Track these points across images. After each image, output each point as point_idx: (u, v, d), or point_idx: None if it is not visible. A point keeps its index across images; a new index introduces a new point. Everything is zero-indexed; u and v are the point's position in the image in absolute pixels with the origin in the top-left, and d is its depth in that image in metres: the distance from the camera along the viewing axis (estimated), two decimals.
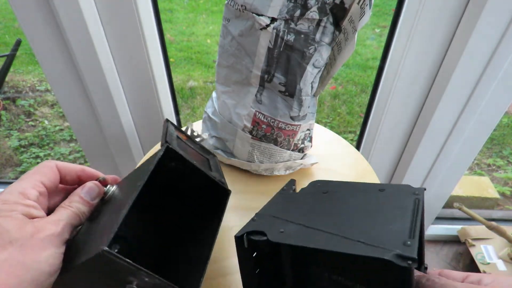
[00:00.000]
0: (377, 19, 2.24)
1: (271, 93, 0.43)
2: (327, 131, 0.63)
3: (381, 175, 0.91)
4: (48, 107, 1.63)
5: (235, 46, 0.42)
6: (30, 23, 0.61)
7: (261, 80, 0.42)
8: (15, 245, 0.21)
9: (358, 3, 0.38)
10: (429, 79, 0.70)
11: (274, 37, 0.39)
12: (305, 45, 0.39)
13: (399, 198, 0.24)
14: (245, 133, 0.46)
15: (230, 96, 0.46)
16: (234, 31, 0.41)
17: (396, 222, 0.22)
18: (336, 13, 0.39)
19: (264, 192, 0.50)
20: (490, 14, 0.57)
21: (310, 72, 0.41)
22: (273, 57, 0.40)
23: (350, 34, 0.40)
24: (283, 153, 0.48)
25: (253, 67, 0.41)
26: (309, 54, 0.40)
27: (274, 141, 0.46)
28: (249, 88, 0.44)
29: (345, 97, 1.77)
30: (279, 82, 0.42)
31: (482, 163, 1.44)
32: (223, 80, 0.46)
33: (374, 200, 0.25)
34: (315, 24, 0.39)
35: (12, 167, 1.36)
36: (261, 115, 0.44)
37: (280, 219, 0.27)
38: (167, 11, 2.29)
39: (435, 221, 1.02)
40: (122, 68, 0.69)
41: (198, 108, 1.69)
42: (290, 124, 0.45)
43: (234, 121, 0.46)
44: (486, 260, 0.92)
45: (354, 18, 0.39)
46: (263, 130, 0.45)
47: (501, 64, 0.63)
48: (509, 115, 1.65)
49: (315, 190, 0.30)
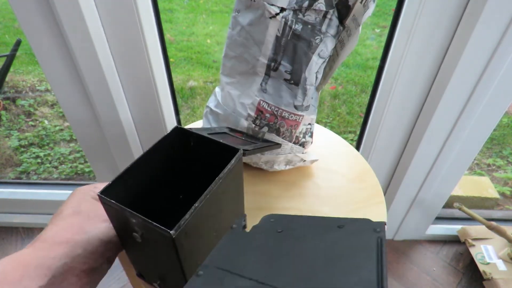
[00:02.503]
0: (377, 19, 2.24)
1: (276, 82, 0.45)
2: (327, 131, 0.63)
3: (381, 175, 0.91)
4: (48, 107, 1.64)
5: (243, 35, 0.43)
6: (30, 23, 0.61)
7: (267, 69, 0.44)
8: (83, 215, 0.31)
9: (361, 2, 0.39)
10: (429, 79, 0.70)
11: (282, 26, 0.41)
12: (311, 35, 0.41)
13: (361, 237, 0.23)
14: (249, 122, 0.46)
15: (235, 87, 0.47)
16: (244, 21, 0.43)
17: (362, 270, 0.20)
18: (340, 10, 0.41)
19: (263, 192, 0.50)
20: (490, 14, 0.57)
21: (315, 62, 0.43)
22: (281, 45, 0.42)
23: (353, 30, 0.42)
24: (284, 144, 0.48)
25: (260, 55, 0.43)
26: (315, 44, 0.42)
27: (276, 131, 0.47)
28: (255, 77, 0.45)
29: (345, 97, 1.77)
30: (285, 70, 0.43)
31: (482, 163, 1.44)
32: (228, 71, 0.48)
33: (334, 240, 0.23)
34: (322, 16, 0.41)
35: (12, 167, 1.36)
36: (265, 104, 0.45)
37: (229, 273, 0.24)
38: (167, 11, 2.29)
39: (435, 221, 1.03)
40: (122, 68, 0.69)
41: (198, 108, 1.69)
42: (294, 114, 0.46)
43: (237, 111, 0.47)
44: (486, 260, 0.92)
45: (357, 16, 0.41)
46: (267, 120, 0.46)
47: (501, 64, 0.63)
48: (509, 115, 1.65)
49: (269, 228, 0.27)
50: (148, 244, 0.29)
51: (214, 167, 0.32)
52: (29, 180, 1.29)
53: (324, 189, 0.51)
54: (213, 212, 0.31)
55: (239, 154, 0.32)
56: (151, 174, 0.35)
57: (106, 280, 0.96)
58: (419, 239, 1.07)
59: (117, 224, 0.31)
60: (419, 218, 0.99)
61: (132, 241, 0.30)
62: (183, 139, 0.36)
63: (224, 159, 0.32)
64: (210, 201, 0.30)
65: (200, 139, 0.35)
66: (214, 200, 0.31)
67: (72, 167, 1.36)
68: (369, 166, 0.55)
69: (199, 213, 0.28)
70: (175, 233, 0.25)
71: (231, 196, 0.35)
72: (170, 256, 0.28)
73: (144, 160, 0.33)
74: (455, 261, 1.02)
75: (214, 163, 0.32)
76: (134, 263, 0.37)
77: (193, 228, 0.28)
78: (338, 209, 0.48)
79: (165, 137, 0.35)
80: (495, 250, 0.94)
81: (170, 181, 0.38)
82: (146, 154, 0.33)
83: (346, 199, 0.49)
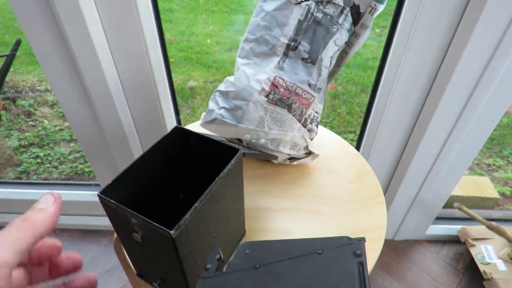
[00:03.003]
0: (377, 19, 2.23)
1: (293, 62, 0.49)
2: (327, 131, 0.63)
3: (381, 175, 0.91)
4: (48, 107, 1.64)
5: (267, 19, 0.49)
6: (30, 23, 0.61)
7: (286, 48, 0.48)
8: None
9: (370, 12, 0.47)
10: (429, 79, 0.70)
11: (305, 12, 0.47)
12: (330, 23, 0.47)
13: (341, 265, 0.22)
14: (261, 96, 0.48)
15: (251, 67, 0.50)
16: (269, 7, 0.48)
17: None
18: (353, 14, 0.47)
19: (263, 192, 0.50)
20: (490, 14, 0.57)
21: (331, 47, 0.48)
22: (302, 28, 0.48)
23: (362, 34, 0.50)
24: (294, 123, 0.49)
25: (281, 35, 0.48)
26: (332, 32, 0.48)
27: (288, 107, 0.48)
28: (272, 57, 0.49)
29: (345, 97, 1.77)
30: (304, 49, 0.48)
31: (482, 163, 1.44)
32: (245, 53, 0.51)
33: (314, 272, 0.22)
34: (339, 11, 0.47)
35: (12, 167, 1.36)
36: (280, 80, 0.48)
37: None
38: (167, 11, 2.29)
39: (435, 221, 1.02)
40: (122, 68, 0.69)
41: (198, 108, 1.69)
42: (307, 92, 0.49)
43: (251, 86, 0.49)
44: (486, 260, 0.92)
45: (365, 24, 0.49)
46: (280, 94, 0.48)
47: (501, 64, 0.63)
48: (509, 115, 1.65)
49: (244, 264, 0.24)
50: (148, 244, 0.29)
51: (214, 167, 0.32)
52: (29, 180, 1.29)
53: (324, 189, 0.51)
54: (213, 212, 0.31)
55: (239, 154, 0.32)
56: (151, 174, 0.35)
57: (106, 280, 0.96)
58: (419, 239, 1.07)
59: (117, 224, 0.31)
60: (419, 218, 0.99)
61: (132, 241, 0.30)
62: (183, 139, 0.36)
63: (224, 159, 0.32)
64: (210, 201, 0.30)
65: (200, 139, 0.36)
66: (214, 200, 0.31)
67: (72, 167, 1.36)
68: (369, 166, 0.55)
69: (199, 213, 0.28)
70: (175, 233, 0.25)
71: (231, 196, 0.35)
72: (170, 256, 0.28)
73: (144, 160, 0.33)
74: (455, 261, 1.02)
75: (214, 163, 0.32)
76: (134, 263, 0.37)
77: (193, 228, 0.28)
78: (338, 209, 0.48)
79: (165, 137, 0.35)
80: (495, 250, 0.94)
81: (170, 181, 0.38)
82: (146, 154, 0.33)
83: (346, 199, 0.49)
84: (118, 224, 0.31)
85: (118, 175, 0.31)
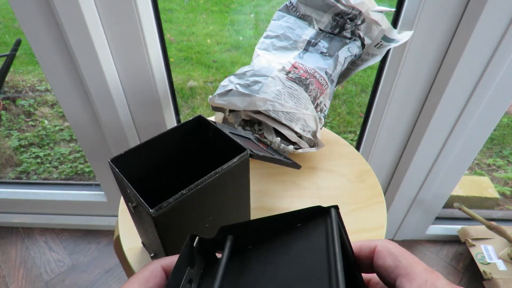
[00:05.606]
0: None
1: (313, 55, 0.54)
2: (327, 131, 0.63)
3: (381, 175, 0.91)
4: (48, 107, 1.64)
5: (291, 22, 0.56)
6: (30, 23, 0.61)
7: (307, 44, 0.54)
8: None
9: (376, 46, 0.56)
10: (429, 79, 0.70)
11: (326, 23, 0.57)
12: (345, 36, 0.56)
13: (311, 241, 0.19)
14: (281, 73, 0.50)
15: (272, 54, 0.54)
16: (295, 13, 0.57)
17: None
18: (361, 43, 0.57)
19: (264, 192, 0.50)
20: (490, 14, 0.57)
21: (345, 50, 0.55)
22: (322, 32, 0.56)
23: (368, 59, 0.58)
24: (308, 104, 0.50)
25: (303, 34, 0.55)
26: (348, 41, 0.55)
27: (305, 86, 0.50)
28: (293, 51, 0.54)
29: (345, 97, 1.77)
30: (323, 46, 0.55)
31: (482, 163, 1.44)
32: (265, 46, 0.56)
33: (290, 259, 0.19)
34: (350, 32, 0.56)
35: (12, 167, 1.36)
36: (301, 64, 0.52)
37: None
38: (167, 11, 2.29)
39: (435, 221, 1.03)
40: (122, 68, 0.69)
41: (198, 108, 1.69)
42: (323, 78, 0.52)
43: (271, 66, 0.51)
44: (486, 260, 0.92)
45: (371, 53, 0.58)
46: (299, 74, 0.51)
47: (501, 64, 0.63)
48: (509, 115, 1.65)
49: None
50: (140, 217, 0.31)
51: (223, 163, 0.32)
52: (29, 180, 1.29)
53: (324, 189, 0.51)
54: (206, 203, 0.32)
55: (244, 154, 0.33)
56: (166, 154, 0.36)
57: (106, 280, 0.96)
58: (419, 239, 1.07)
59: (122, 193, 0.33)
60: (419, 218, 0.99)
61: (132, 211, 0.32)
62: (202, 129, 0.37)
63: (233, 157, 0.32)
64: (202, 193, 0.30)
65: (218, 133, 0.36)
66: (209, 193, 0.31)
67: (72, 167, 1.36)
68: (369, 166, 0.55)
69: (186, 200, 0.29)
70: (155, 213, 0.27)
71: (232, 194, 0.35)
72: (154, 233, 0.30)
73: (161, 139, 0.34)
74: (455, 261, 1.02)
75: (225, 160, 0.33)
76: (139, 233, 0.39)
77: (178, 212, 0.29)
78: None
79: (186, 123, 0.36)
80: (495, 250, 0.94)
81: (183, 166, 0.39)
82: (164, 134, 0.35)
83: (346, 199, 0.49)
84: (123, 192, 0.33)
85: (132, 147, 0.32)
